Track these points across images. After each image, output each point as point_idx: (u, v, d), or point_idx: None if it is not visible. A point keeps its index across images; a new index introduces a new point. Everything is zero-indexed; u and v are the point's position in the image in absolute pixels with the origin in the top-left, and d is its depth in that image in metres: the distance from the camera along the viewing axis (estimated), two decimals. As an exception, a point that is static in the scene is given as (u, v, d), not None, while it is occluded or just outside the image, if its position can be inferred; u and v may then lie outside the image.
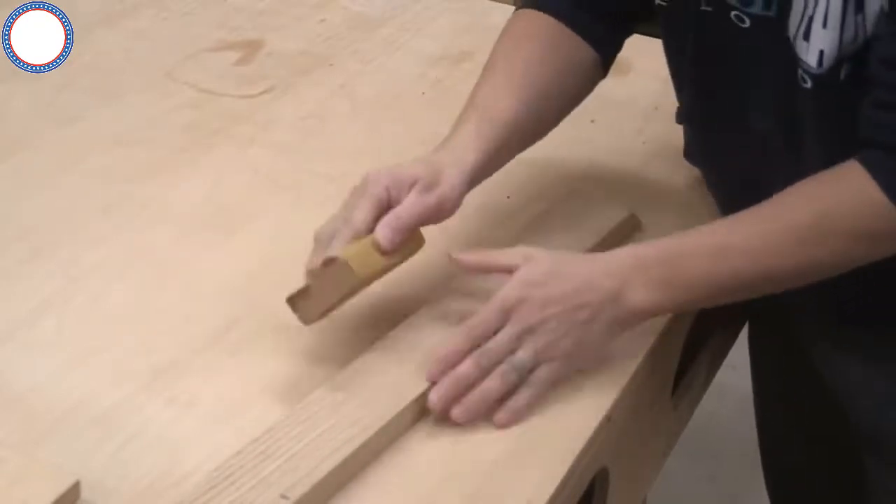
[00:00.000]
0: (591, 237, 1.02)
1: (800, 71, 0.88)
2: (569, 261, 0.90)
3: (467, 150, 0.95)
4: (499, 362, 0.86)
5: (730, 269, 0.88)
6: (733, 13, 0.92)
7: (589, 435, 0.87)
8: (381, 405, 0.85)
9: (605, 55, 1.05)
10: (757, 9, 0.90)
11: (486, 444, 0.86)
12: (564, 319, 0.87)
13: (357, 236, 0.89)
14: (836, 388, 1.05)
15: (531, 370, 0.87)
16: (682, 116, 1.07)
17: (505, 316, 0.87)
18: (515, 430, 0.87)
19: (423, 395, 0.87)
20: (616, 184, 1.16)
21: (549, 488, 0.82)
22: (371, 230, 0.89)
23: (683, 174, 1.15)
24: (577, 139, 1.22)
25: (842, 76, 0.87)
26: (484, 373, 0.86)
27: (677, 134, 1.12)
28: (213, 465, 0.81)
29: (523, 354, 0.87)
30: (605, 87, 1.08)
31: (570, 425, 0.88)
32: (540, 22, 1.03)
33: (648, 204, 1.10)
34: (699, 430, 1.38)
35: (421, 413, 0.87)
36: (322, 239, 0.90)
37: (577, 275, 0.88)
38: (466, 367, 0.86)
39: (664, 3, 0.98)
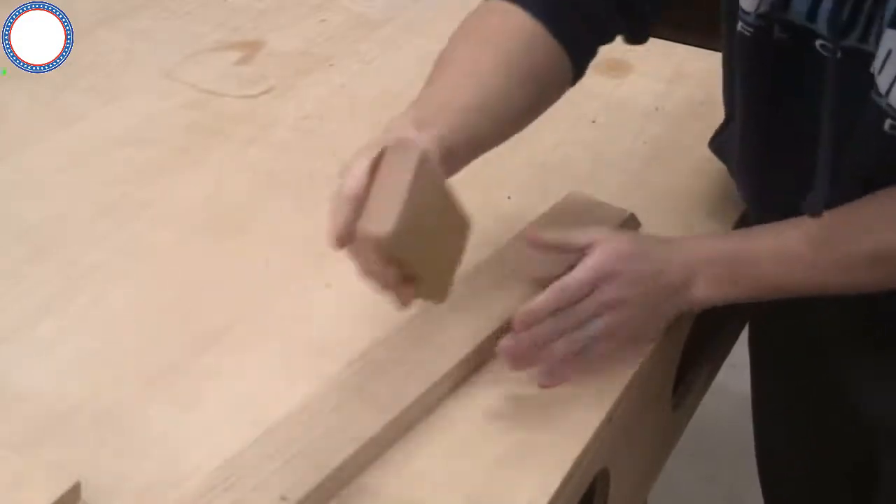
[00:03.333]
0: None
1: (889, 121, 0.85)
2: (648, 240, 0.92)
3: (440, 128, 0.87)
4: (575, 327, 0.89)
5: (792, 280, 0.91)
6: (818, 42, 0.88)
7: (590, 435, 0.87)
8: (381, 405, 0.85)
9: (579, 63, 0.97)
10: (852, 41, 0.86)
11: (486, 444, 0.86)
12: (643, 301, 0.90)
13: None
14: (847, 385, 1.04)
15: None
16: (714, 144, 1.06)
17: (594, 284, 0.88)
18: (516, 431, 0.87)
19: (423, 397, 0.87)
20: (616, 184, 1.16)
21: (550, 489, 0.82)
22: None
23: (684, 175, 1.15)
24: (577, 139, 1.22)
25: None
26: (558, 335, 0.88)
27: (678, 135, 1.12)
28: (212, 466, 0.81)
29: (595, 327, 0.89)
30: (606, 87, 1.08)
31: (570, 426, 0.88)
32: (513, 19, 0.94)
33: (648, 204, 1.10)
34: (699, 431, 1.38)
35: (420, 414, 0.87)
36: (355, 198, 0.80)
37: (658, 258, 0.91)
38: (545, 328, 0.88)
39: (748, 33, 0.93)
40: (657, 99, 1.31)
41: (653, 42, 1.30)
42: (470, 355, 0.91)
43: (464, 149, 0.88)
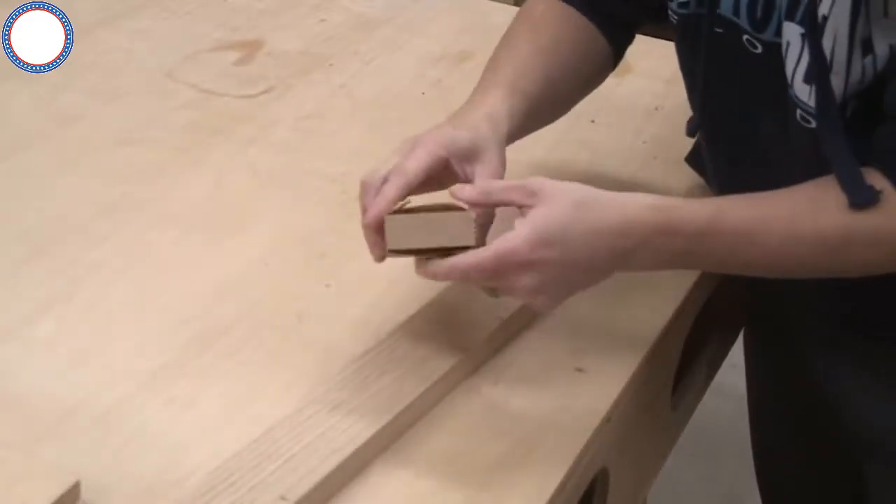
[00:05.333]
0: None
1: (799, 111, 0.86)
2: (585, 209, 0.83)
3: (500, 120, 0.93)
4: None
5: (744, 258, 0.87)
6: (745, 37, 0.90)
7: (589, 435, 0.87)
8: (380, 405, 0.85)
9: (617, 47, 1.05)
10: (769, 35, 0.88)
11: (486, 444, 0.86)
12: (572, 278, 0.84)
13: (409, 186, 0.86)
14: (833, 393, 1.05)
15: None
16: (691, 129, 1.06)
17: (508, 267, 0.82)
18: (516, 431, 0.87)
19: (422, 396, 0.87)
20: (615, 184, 1.15)
21: (549, 488, 0.82)
22: (421, 183, 0.87)
23: (683, 174, 1.15)
24: (576, 139, 1.22)
25: (848, 114, 0.85)
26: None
27: (677, 134, 1.12)
28: (212, 466, 0.81)
29: (522, 291, 0.84)
30: (605, 87, 1.08)
31: (570, 425, 0.88)
32: (557, 9, 1.03)
33: (648, 204, 1.10)
34: (699, 430, 1.38)
35: (420, 413, 0.87)
36: (371, 185, 0.87)
37: (593, 232, 0.83)
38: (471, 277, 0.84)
39: (676, 19, 0.96)
40: (657, 99, 1.31)
41: (653, 42, 1.30)
42: (469, 355, 0.91)
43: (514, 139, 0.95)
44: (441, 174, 0.89)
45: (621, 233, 0.84)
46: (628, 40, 1.07)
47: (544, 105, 0.99)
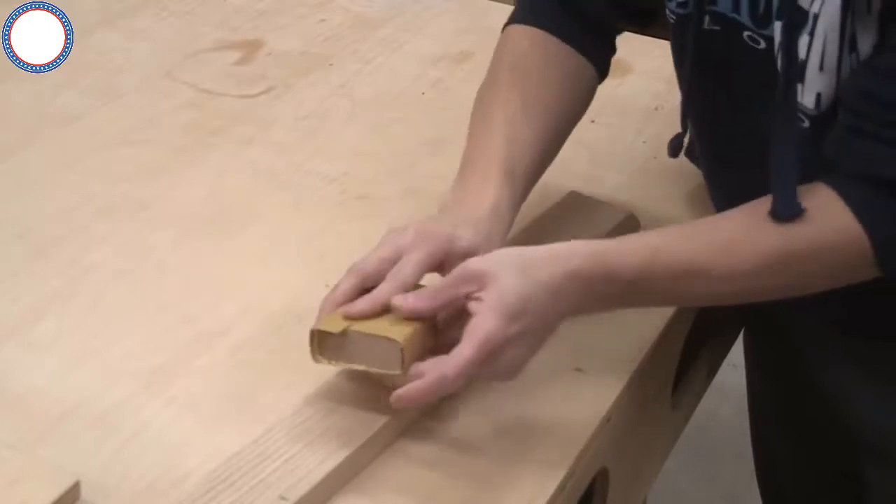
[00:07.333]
0: (591, 238, 1.02)
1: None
2: (531, 274, 0.83)
3: (504, 212, 0.91)
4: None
5: (688, 291, 0.87)
6: (746, 34, 0.89)
7: (589, 435, 0.87)
8: (380, 405, 0.85)
9: (600, 65, 1.03)
10: (773, 31, 0.86)
11: (485, 444, 0.86)
12: (537, 341, 0.84)
13: (404, 290, 0.84)
14: (833, 393, 1.05)
15: None
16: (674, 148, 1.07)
17: (490, 354, 0.81)
18: (515, 430, 0.87)
19: (423, 396, 0.87)
20: (616, 184, 1.16)
21: (549, 488, 0.82)
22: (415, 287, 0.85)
23: (683, 174, 1.15)
24: (577, 139, 1.22)
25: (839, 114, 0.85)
26: None
27: (677, 134, 1.12)
28: (212, 466, 0.81)
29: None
30: (606, 87, 1.08)
31: (570, 425, 0.88)
32: (535, 39, 1.00)
33: (648, 204, 1.10)
34: (699, 430, 1.38)
35: (420, 413, 0.87)
36: (364, 274, 0.86)
37: (548, 292, 0.83)
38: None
39: (673, 20, 0.95)
40: (657, 98, 1.31)
41: (653, 42, 1.30)
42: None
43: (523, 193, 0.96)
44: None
45: (570, 287, 0.84)
46: (611, 55, 1.05)
47: (542, 166, 0.99)
